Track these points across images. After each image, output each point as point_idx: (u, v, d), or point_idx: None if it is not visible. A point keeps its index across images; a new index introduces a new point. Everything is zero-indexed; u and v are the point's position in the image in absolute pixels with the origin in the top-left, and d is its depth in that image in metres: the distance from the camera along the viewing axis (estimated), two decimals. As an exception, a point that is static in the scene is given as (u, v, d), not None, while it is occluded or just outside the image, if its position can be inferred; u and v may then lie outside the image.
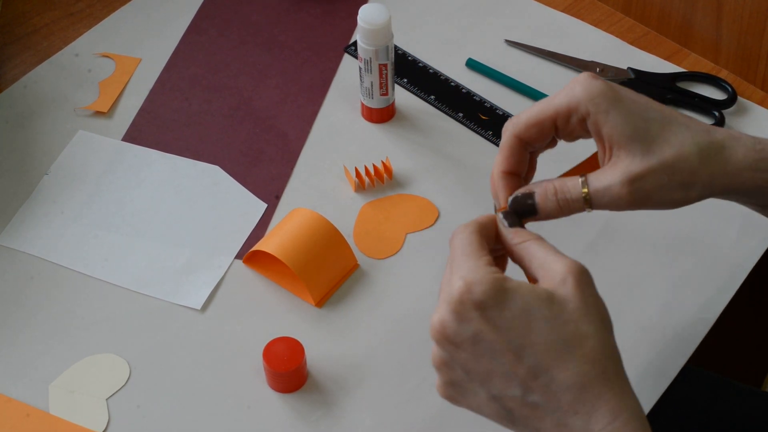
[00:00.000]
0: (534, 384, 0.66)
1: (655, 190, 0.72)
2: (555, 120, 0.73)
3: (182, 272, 0.94)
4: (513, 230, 0.71)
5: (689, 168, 0.72)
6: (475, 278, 0.66)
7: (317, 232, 0.92)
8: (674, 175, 0.72)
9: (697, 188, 0.73)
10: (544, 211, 0.73)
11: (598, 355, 0.65)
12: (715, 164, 0.73)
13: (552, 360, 0.65)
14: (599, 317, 0.66)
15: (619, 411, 0.64)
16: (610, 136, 0.72)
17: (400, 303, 0.92)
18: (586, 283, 0.67)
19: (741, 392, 1.02)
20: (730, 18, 1.07)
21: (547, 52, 1.12)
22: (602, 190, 0.72)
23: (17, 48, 1.13)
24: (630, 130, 0.72)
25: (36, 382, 0.87)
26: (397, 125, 1.06)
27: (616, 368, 0.66)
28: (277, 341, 0.86)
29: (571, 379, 0.65)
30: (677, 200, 0.73)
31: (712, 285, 0.93)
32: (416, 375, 0.87)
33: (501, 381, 0.67)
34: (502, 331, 0.66)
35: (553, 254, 0.68)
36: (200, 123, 1.06)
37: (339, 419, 0.85)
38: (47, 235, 0.97)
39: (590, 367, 0.65)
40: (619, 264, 0.94)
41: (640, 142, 0.72)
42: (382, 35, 0.99)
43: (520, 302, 0.66)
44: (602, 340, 0.66)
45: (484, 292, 0.66)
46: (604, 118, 0.72)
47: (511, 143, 0.74)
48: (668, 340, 0.90)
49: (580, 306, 0.66)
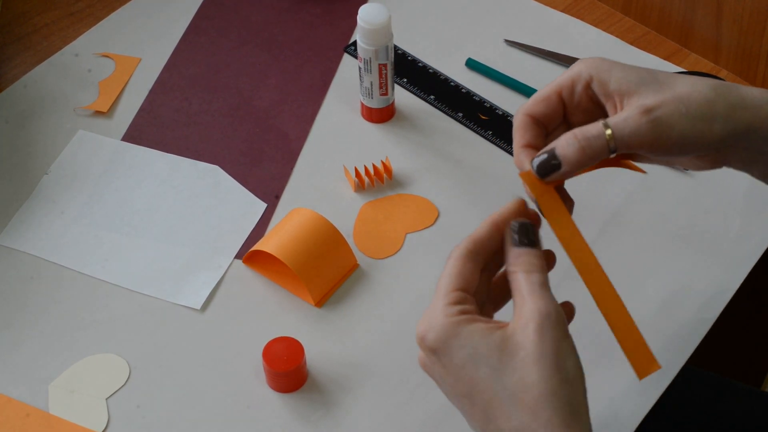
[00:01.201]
0: (489, 429, 0.66)
1: (675, 119, 0.70)
2: (560, 93, 0.74)
3: (182, 272, 0.94)
4: (514, 253, 0.69)
5: (705, 99, 0.71)
6: (428, 324, 0.67)
7: (317, 232, 0.92)
8: (691, 106, 0.71)
9: (718, 121, 0.71)
10: (567, 158, 0.71)
11: (541, 404, 0.63)
12: (732, 97, 0.72)
13: (496, 409, 0.65)
14: (554, 366, 0.64)
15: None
16: (618, 88, 0.72)
17: (399, 303, 0.92)
18: (549, 326, 0.65)
19: (741, 392, 1.02)
20: (730, 18, 1.07)
21: (546, 52, 1.12)
22: (621, 122, 0.70)
23: (17, 48, 1.13)
24: (636, 77, 0.72)
25: (36, 382, 0.87)
26: (396, 125, 1.06)
27: (564, 418, 0.63)
28: (277, 341, 0.86)
29: (514, 428, 0.64)
30: (700, 133, 0.71)
31: (712, 285, 0.93)
32: (416, 375, 0.87)
33: (470, 418, 0.68)
34: (455, 377, 0.66)
35: (532, 293, 0.67)
36: (200, 123, 1.06)
37: (339, 419, 0.85)
38: (47, 235, 0.97)
39: (531, 419, 0.63)
40: (619, 264, 0.94)
41: (650, 85, 0.72)
42: (382, 35, 0.99)
43: (469, 350, 0.66)
44: (549, 389, 0.64)
45: (434, 339, 0.67)
46: (608, 75, 0.72)
47: (522, 121, 0.74)
48: (668, 340, 0.90)
49: (532, 353, 0.64)
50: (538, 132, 0.74)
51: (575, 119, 0.75)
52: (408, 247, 0.96)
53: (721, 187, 0.99)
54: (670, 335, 0.90)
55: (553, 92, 0.74)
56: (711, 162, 0.76)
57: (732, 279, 0.93)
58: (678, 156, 0.74)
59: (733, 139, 0.72)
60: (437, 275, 0.94)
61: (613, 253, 0.95)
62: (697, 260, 0.95)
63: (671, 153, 0.72)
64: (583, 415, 0.65)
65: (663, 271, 0.94)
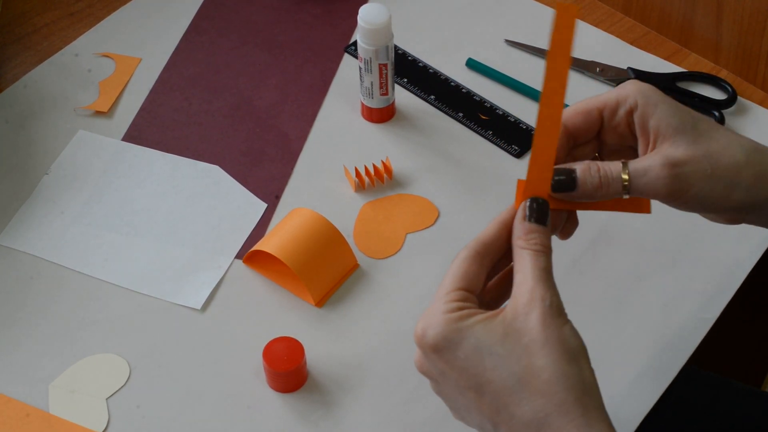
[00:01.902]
0: (498, 419, 0.65)
1: (696, 178, 0.70)
2: (602, 111, 0.73)
3: (182, 272, 0.94)
4: (525, 228, 0.69)
5: (734, 163, 0.71)
6: (428, 321, 0.67)
7: (317, 232, 0.92)
8: (717, 168, 0.71)
9: (740, 189, 0.71)
10: (584, 185, 0.71)
11: (553, 387, 0.63)
12: (762, 166, 0.72)
13: (507, 397, 0.65)
14: (560, 348, 0.64)
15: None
16: (656, 127, 0.72)
17: (400, 303, 0.92)
18: (551, 313, 0.65)
19: (741, 392, 1.02)
20: (730, 18, 1.07)
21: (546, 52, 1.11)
22: (642, 170, 0.70)
23: (17, 48, 1.13)
24: (677, 121, 0.71)
25: (36, 382, 0.87)
26: (397, 125, 1.06)
27: (578, 398, 0.64)
28: (277, 341, 0.86)
29: (528, 415, 0.64)
30: (719, 197, 0.71)
31: (712, 285, 0.93)
32: (416, 375, 0.87)
33: (476, 415, 0.67)
34: (460, 371, 0.66)
35: (535, 277, 0.66)
36: (200, 123, 1.06)
37: (339, 419, 0.85)
38: (47, 235, 0.97)
39: (545, 402, 0.63)
40: (620, 264, 0.94)
41: (687, 134, 0.71)
42: (382, 35, 0.99)
43: (473, 341, 0.65)
44: (560, 371, 0.64)
45: (436, 335, 0.66)
46: (653, 109, 0.72)
47: None
48: (668, 340, 0.90)
49: (536, 338, 0.64)
50: (564, 143, 0.74)
51: (608, 139, 0.75)
52: (408, 247, 0.96)
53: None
54: (670, 335, 0.90)
55: (595, 108, 0.74)
56: (728, 220, 0.76)
57: (732, 279, 0.93)
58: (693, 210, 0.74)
59: (754, 206, 0.72)
60: (438, 275, 0.94)
61: (615, 254, 0.95)
62: (697, 260, 0.95)
63: (686, 209, 0.73)
64: (595, 393, 0.65)
65: (664, 272, 0.94)
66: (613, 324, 0.90)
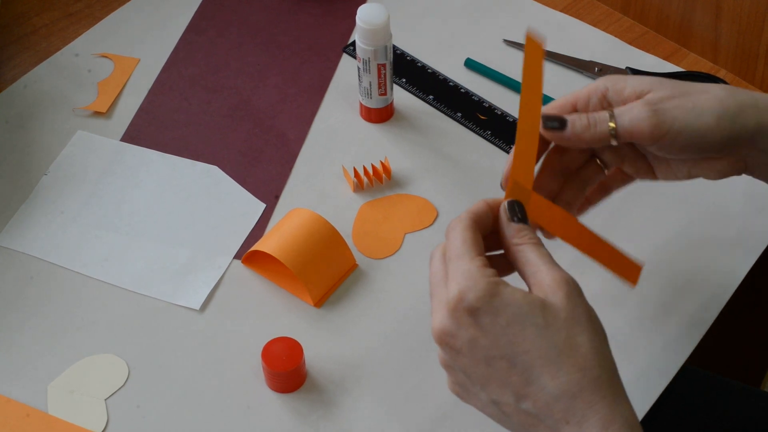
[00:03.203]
0: (526, 391, 0.66)
1: (679, 111, 0.73)
2: (575, 104, 0.76)
3: (181, 272, 0.94)
4: (515, 228, 0.71)
5: (715, 97, 0.74)
6: (468, 284, 0.66)
7: (316, 233, 0.92)
8: (699, 101, 0.73)
9: (727, 118, 0.73)
10: (573, 125, 0.74)
11: (590, 363, 0.65)
12: (743, 96, 0.74)
13: (543, 367, 0.65)
14: (591, 327, 0.66)
15: (610, 421, 0.64)
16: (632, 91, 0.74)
17: (399, 303, 0.92)
18: (576, 294, 0.67)
19: (740, 392, 1.02)
20: (729, 18, 1.07)
21: (545, 52, 1.11)
22: (625, 109, 0.73)
23: (16, 48, 1.13)
24: (651, 80, 0.75)
25: (35, 383, 0.87)
26: (395, 125, 1.06)
27: (609, 377, 0.65)
28: (276, 341, 0.86)
29: (562, 388, 0.65)
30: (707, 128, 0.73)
31: (711, 285, 0.93)
32: (415, 375, 0.87)
33: (497, 387, 0.67)
34: (496, 338, 0.66)
35: (547, 263, 0.68)
36: (199, 123, 1.06)
37: (338, 419, 0.85)
38: (46, 235, 0.97)
39: (581, 376, 0.65)
40: (618, 264, 0.94)
41: (664, 83, 0.74)
42: (381, 35, 0.99)
43: (514, 309, 0.66)
44: (595, 348, 0.65)
45: (478, 298, 0.66)
46: (623, 83, 0.75)
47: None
48: (667, 340, 0.90)
49: (571, 315, 0.66)
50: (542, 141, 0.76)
51: None
52: (407, 247, 0.96)
53: (720, 187, 0.99)
54: (670, 335, 0.90)
55: (568, 103, 0.77)
56: (731, 167, 0.77)
57: (731, 279, 0.93)
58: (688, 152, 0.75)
59: (744, 138, 0.74)
60: (436, 275, 0.94)
61: (612, 253, 0.95)
62: (696, 260, 0.95)
63: (675, 147, 0.74)
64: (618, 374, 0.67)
65: (663, 271, 0.94)
66: (613, 324, 0.90)
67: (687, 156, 0.76)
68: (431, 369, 0.87)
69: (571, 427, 0.64)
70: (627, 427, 0.64)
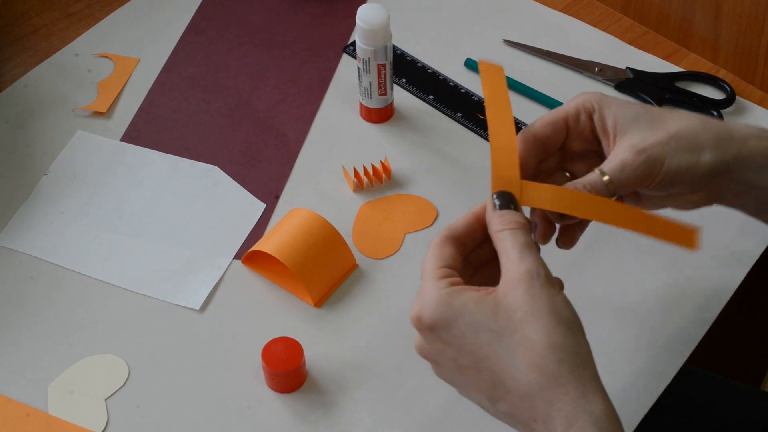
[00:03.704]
0: (497, 395, 0.66)
1: (665, 153, 0.74)
2: (567, 119, 0.78)
3: (181, 272, 0.94)
4: (498, 214, 0.70)
5: (693, 131, 0.75)
6: (422, 304, 0.68)
7: (316, 233, 0.92)
8: (680, 141, 0.75)
9: (706, 152, 0.75)
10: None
11: (546, 360, 0.64)
12: (718, 129, 0.76)
13: (502, 372, 0.65)
14: (551, 320, 0.65)
15: (575, 417, 0.63)
16: (614, 123, 0.76)
17: (398, 303, 0.92)
18: (538, 285, 0.66)
19: (740, 392, 1.02)
20: (729, 18, 1.07)
21: (545, 52, 1.12)
22: (618, 167, 0.74)
23: (16, 48, 1.13)
24: (632, 114, 0.76)
25: (35, 383, 0.87)
26: (395, 125, 1.06)
27: (572, 370, 0.64)
28: (276, 341, 0.86)
29: (522, 388, 0.65)
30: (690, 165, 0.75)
31: (711, 285, 0.93)
32: (415, 375, 0.87)
33: (474, 392, 0.68)
34: (458, 348, 0.67)
35: (517, 254, 0.67)
36: (199, 123, 1.06)
37: (338, 419, 0.85)
38: (46, 235, 0.97)
39: (538, 374, 0.64)
40: (618, 264, 0.94)
41: (643, 121, 0.76)
42: (381, 35, 0.99)
43: (466, 318, 0.66)
44: (553, 343, 0.64)
45: (431, 315, 0.67)
46: (608, 110, 0.76)
47: (525, 136, 0.77)
48: (667, 340, 0.90)
49: (527, 312, 0.65)
50: (537, 152, 0.77)
51: (574, 146, 0.79)
52: (407, 247, 0.96)
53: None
54: (669, 335, 0.90)
55: (561, 118, 0.78)
56: (705, 197, 0.79)
57: (731, 279, 0.93)
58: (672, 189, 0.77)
59: (722, 169, 0.76)
60: (436, 275, 0.94)
61: (614, 254, 0.95)
62: (696, 260, 0.95)
63: (665, 187, 0.76)
64: (590, 365, 0.65)
65: (662, 272, 0.94)
66: (612, 324, 0.90)
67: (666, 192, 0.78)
68: (431, 370, 0.87)
69: (539, 424, 0.65)
70: (592, 422, 0.63)
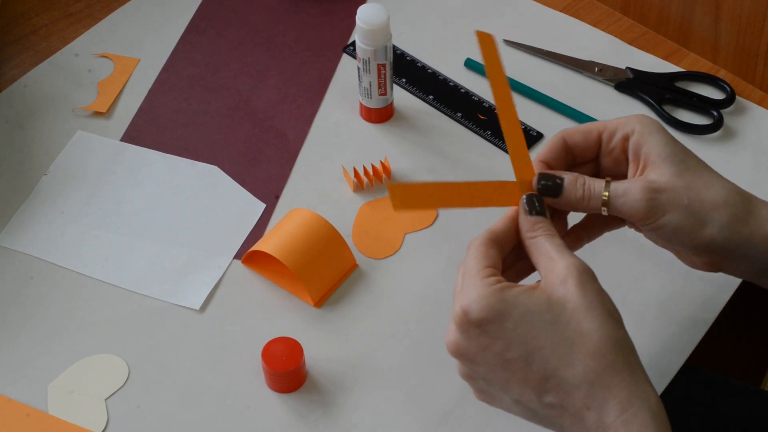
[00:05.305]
0: (547, 386, 0.68)
1: (671, 206, 0.74)
2: (601, 133, 0.78)
3: (181, 272, 0.94)
4: (531, 220, 0.73)
5: (712, 200, 0.74)
6: (471, 299, 0.69)
7: (316, 233, 0.92)
8: (694, 202, 0.74)
9: (714, 226, 0.74)
10: (568, 194, 0.75)
11: (602, 349, 0.67)
12: (739, 207, 0.74)
13: (558, 361, 0.67)
14: (603, 312, 0.68)
15: (629, 402, 0.66)
16: (648, 154, 0.75)
17: (398, 303, 0.92)
18: (587, 280, 0.69)
19: (740, 391, 1.02)
20: (729, 18, 1.07)
21: (545, 52, 1.12)
22: (621, 191, 0.74)
23: (16, 48, 1.13)
24: (668, 151, 0.75)
25: (35, 383, 0.87)
26: (395, 125, 1.06)
27: (626, 359, 0.67)
28: (276, 341, 0.86)
29: (579, 377, 0.67)
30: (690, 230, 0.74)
31: (711, 284, 0.93)
32: (415, 375, 0.87)
33: (518, 387, 0.69)
34: (507, 342, 0.68)
35: (558, 253, 0.70)
36: (199, 123, 1.06)
37: (338, 419, 0.85)
38: (46, 235, 0.97)
39: (596, 363, 0.66)
40: (619, 263, 0.94)
41: (674, 165, 0.74)
42: (381, 35, 0.99)
43: (521, 309, 0.68)
44: (606, 333, 0.67)
45: (481, 310, 0.68)
46: (648, 138, 0.75)
47: (555, 141, 0.78)
48: (667, 340, 0.90)
49: (580, 304, 0.67)
50: (564, 156, 0.78)
51: (605, 163, 0.79)
52: (407, 247, 0.96)
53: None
54: (670, 335, 0.90)
55: (595, 129, 0.78)
56: (707, 264, 0.79)
57: (732, 279, 0.93)
58: (667, 242, 0.77)
59: (728, 249, 0.75)
60: (437, 275, 0.94)
61: (614, 253, 0.95)
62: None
63: (658, 237, 0.76)
64: (636, 355, 0.68)
65: (663, 272, 0.94)
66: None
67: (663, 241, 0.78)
68: (431, 369, 0.87)
69: (592, 412, 0.66)
70: (645, 408, 0.66)
